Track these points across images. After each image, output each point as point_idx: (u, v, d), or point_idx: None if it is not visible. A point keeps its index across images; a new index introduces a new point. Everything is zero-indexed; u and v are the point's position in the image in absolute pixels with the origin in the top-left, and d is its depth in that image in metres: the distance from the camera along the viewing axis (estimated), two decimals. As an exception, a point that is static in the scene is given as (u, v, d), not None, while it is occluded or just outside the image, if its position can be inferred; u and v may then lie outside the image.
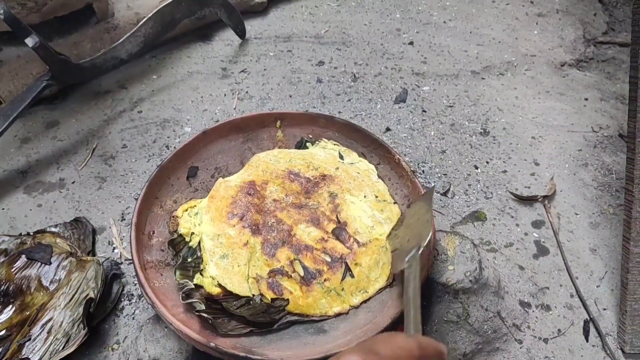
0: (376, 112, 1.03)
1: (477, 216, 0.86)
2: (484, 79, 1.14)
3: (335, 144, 0.84)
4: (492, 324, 0.70)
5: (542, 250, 0.82)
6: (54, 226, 0.78)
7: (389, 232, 0.71)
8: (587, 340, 0.73)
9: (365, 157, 0.83)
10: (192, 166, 0.79)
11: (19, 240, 0.75)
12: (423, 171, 0.92)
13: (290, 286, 0.65)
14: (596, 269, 0.81)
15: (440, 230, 0.76)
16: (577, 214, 0.88)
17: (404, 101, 1.06)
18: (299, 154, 0.81)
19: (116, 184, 0.89)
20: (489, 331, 0.70)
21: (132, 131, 0.98)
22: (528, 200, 0.88)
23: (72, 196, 0.86)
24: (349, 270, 0.68)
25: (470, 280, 0.69)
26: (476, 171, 0.93)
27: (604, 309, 0.76)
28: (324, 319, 0.65)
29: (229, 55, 1.16)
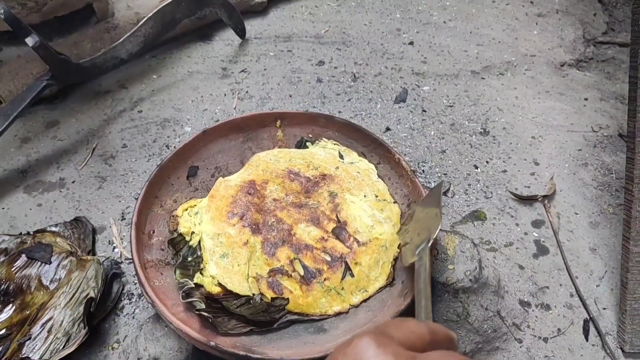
0: (376, 111, 1.03)
1: (477, 216, 0.86)
2: (483, 78, 1.14)
3: (335, 144, 0.84)
4: (492, 323, 0.70)
5: (542, 250, 0.82)
6: (54, 225, 0.78)
7: (400, 227, 0.72)
8: (587, 340, 0.73)
9: (365, 157, 0.83)
10: (192, 165, 0.79)
11: (19, 239, 0.75)
12: (423, 171, 0.92)
13: (290, 285, 0.65)
14: (596, 268, 0.81)
15: (440, 229, 0.76)
16: (577, 213, 0.88)
17: (404, 101, 1.06)
18: (299, 154, 0.81)
19: (116, 183, 0.89)
20: (489, 330, 0.70)
21: (132, 131, 0.98)
22: (528, 200, 0.89)
23: (72, 196, 0.86)
24: (349, 269, 0.68)
25: (470, 280, 0.69)
26: (476, 171, 0.93)
27: (604, 309, 0.76)
28: (324, 318, 0.65)
29: (229, 55, 1.17)
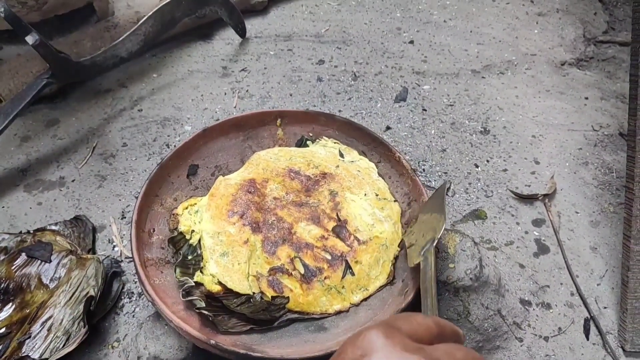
0: (376, 110, 1.03)
1: (477, 214, 0.86)
2: (484, 77, 1.14)
3: (335, 142, 0.84)
4: (492, 322, 0.70)
5: (542, 249, 0.82)
6: (54, 224, 0.78)
7: (404, 230, 0.72)
8: (587, 339, 0.73)
9: (365, 156, 0.83)
10: (192, 164, 0.79)
11: (19, 238, 0.74)
12: (423, 170, 0.92)
13: (291, 284, 0.65)
14: (597, 267, 0.81)
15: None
16: (577, 212, 0.88)
17: (404, 100, 1.06)
18: (299, 152, 0.81)
19: (116, 182, 0.88)
20: (490, 329, 0.70)
21: (132, 130, 0.98)
22: (528, 199, 0.88)
23: (72, 194, 0.86)
24: (349, 268, 0.68)
25: (471, 278, 0.69)
26: (476, 170, 0.93)
27: (605, 307, 0.76)
28: (324, 316, 0.65)
29: (229, 54, 1.16)
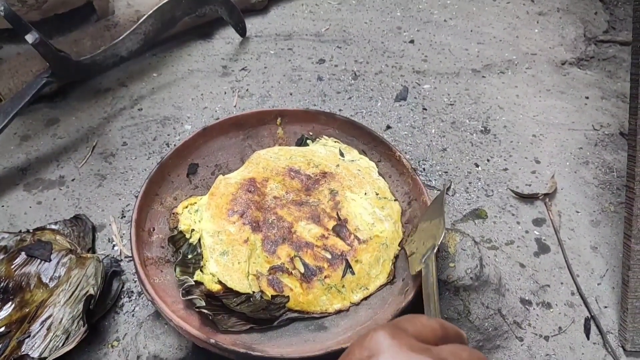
0: (377, 110, 1.03)
1: (477, 214, 0.85)
2: (484, 77, 1.14)
3: (335, 142, 0.84)
4: (492, 321, 0.70)
5: (543, 248, 0.82)
6: (54, 223, 0.78)
7: (405, 239, 0.72)
8: (588, 338, 0.73)
9: (365, 155, 0.82)
10: (192, 163, 0.79)
11: (18, 237, 0.74)
12: (424, 169, 0.92)
13: (291, 283, 0.65)
14: (597, 266, 0.81)
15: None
16: (578, 211, 0.88)
17: (404, 99, 1.06)
18: (299, 151, 0.81)
19: (116, 181, 0.88)
20: (490, 328, 0.70)
21: (132, 129, 0.98)
22: (529, 198, 0.88)
23: (72, 193, 0.86)
24: (349, 267, 0.67)
25: (471, 278, 0.68)
26: (477, 169, 0.93)
27: (605, 307, 0.76)
28: (324, 315, 0.65)
29: (229, 53, 1.16)
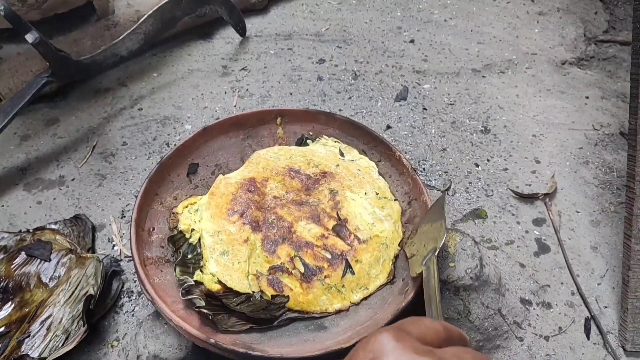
0: (377, 109, 1.03)
1: (478, 214, 0.85)
2: (484, 77, 1.14)
3: (335, 141, 0.84)
4: (492, 321, 0.70)
5: (543, 248, 0.82)
6: (54, 223, 0.78)
7: (406, 241, 0.72)
8: (588, 338, 0.73)
9: (365, 154, 0.82)
10: (192, 163, 0.79)
11: (18, 237, 0.74)
12: (424, 169, 0.92)
13: (291, 283, 0.65)
14: (597, 266, 0.81)
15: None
16: (578, 211, 0.88)
17: (404, 99, 1.06)
18: (299, 151, 0.81)
19: (116, 181, 0.88)
20: (490, 328, 0.70)
21: (132, 129, 0.98)
22: (529, 198, 0.88)
23: (71, 193, 0.86)
24: (349, 267, 0.67)
25: (471, 278, 0.68)
26: (477, 169, 0.93)
27: (605, 307, 0.76)
28: (324, 315, 0.65)
29: (229, 53, 1.16)
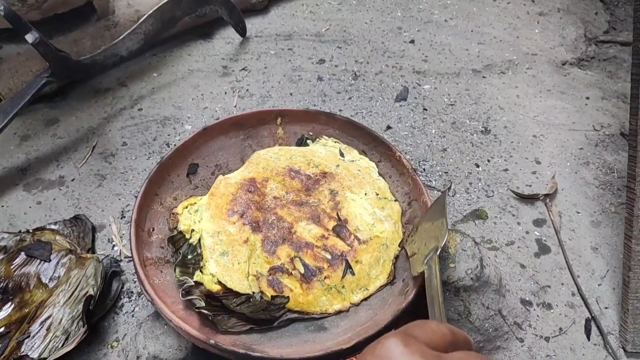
0: (377, 110, 1.03)
1: (478, 214, 0.85)
2: (485, 77, 1.14)
3: (335, 142, 0.84)
4: (493, 322, 0.70)
5: (543, 249, 0.82)
6: (54, 223, 0.78)
7: (406, 239, 0.72)
8: (588, 339, 0.73)
9: (366, 155, 0.82)
10: (192, 163, 0.79)
11: (18, 237, 0.74)
12: (424, 169, 0.92)
13: (291, 284, 0.65)
14: (598, 267, 0.80)
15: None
16: (578, 212, 0.88)
17: (404, 99, 1.06)
18: (299, 152, 0.81)
19: (116, 181, 0.88)
20: (490, 329, 0.70)
21: (132, 129, 0.97)
22: (529, 199, 0.88)
23: (71, 194, 0.86)
24: (349, 267, 0.67)
25: (472, 278, 0.68)
26: (477, 169, 0.93)
27: (606, 308, 0.76)
28: (324, 316, 0.65)
29: (229, 53, 1.16)
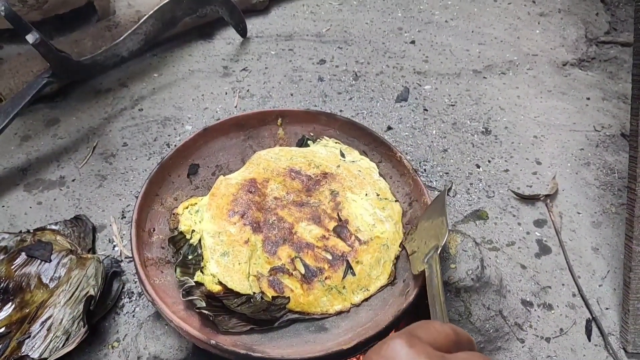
0: (377, 110, 1.03)
1: (479, 215, 0.85)
2: (485, 78, 1.14)
3: (336, 142, 0.84)
4: (494, 322, 0.70)
5: (544, 249, 0.82)
6: (54, 224, 0.78)
7: (405, 237, 0.72)
8: (589, 340, 0.73)
9: (366, 155, 0.82)
10: (192, 164, 0.79)
11: (18, 237, 0.74)
12: (425, 170, 0.92)
13: (291, 284, 0.65)
14: (598, 268, 0.80)
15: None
16: (579, 213, 0.88)
17: (405, 100, 1.06)
18: (300, 152, 0.81)
19: (117, 181, 0.88)
20: (491, 330, 0.70)
21: (132, 129, 0.98)
22: (530, 199, 0.88)
23: (72, 194, 0.86)
24: (350, 268, 0.67)
25: (472, 279, 0.68)
26: (478, 170, 0.93)
27: (607, 308, 0.76)
28: (325, 317, 0.65)
29: (230, 54, 1.16)
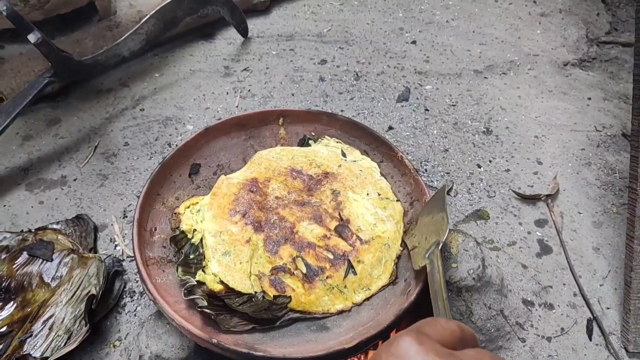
0: (379, 110, 1.03)
1: (480, 215, 0.85)
2: (486, 78, 1.14)
3: (337, 142, 0.84)
4: (495, 322, 0.70)
5: (545, 249, 0.82)
6: (56, 223, 0.78)
7: (405, 232, 0.72)
8: (590, 339, 0.73)
9: (368, 155, 0.82)
10: (194, 163, 0.79)
11: (20, 237, 0.74)
12: (426, 170, 0.92)
13: (293, 283, 0.65)
14: (599, 267, 0.80)
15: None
16: (580, 212, 0.88)
17: (406, 100, 1.06)
18: (301, 152, 0.81)
19: (118, 181, 0.88)
20: (492, 329, 0.70)
21: (134, 129, 0.98)
22: (531, 199, 0.88)
23: (73, 193, 0.86)
24: (351, 267, 0.67)
25: (474, 278, 0.68)
26: (479, 170, 0.93)
27: (608, 308, 0.76)
28: (326, 316, 0.65)
29: (231, 54, 1.16)
